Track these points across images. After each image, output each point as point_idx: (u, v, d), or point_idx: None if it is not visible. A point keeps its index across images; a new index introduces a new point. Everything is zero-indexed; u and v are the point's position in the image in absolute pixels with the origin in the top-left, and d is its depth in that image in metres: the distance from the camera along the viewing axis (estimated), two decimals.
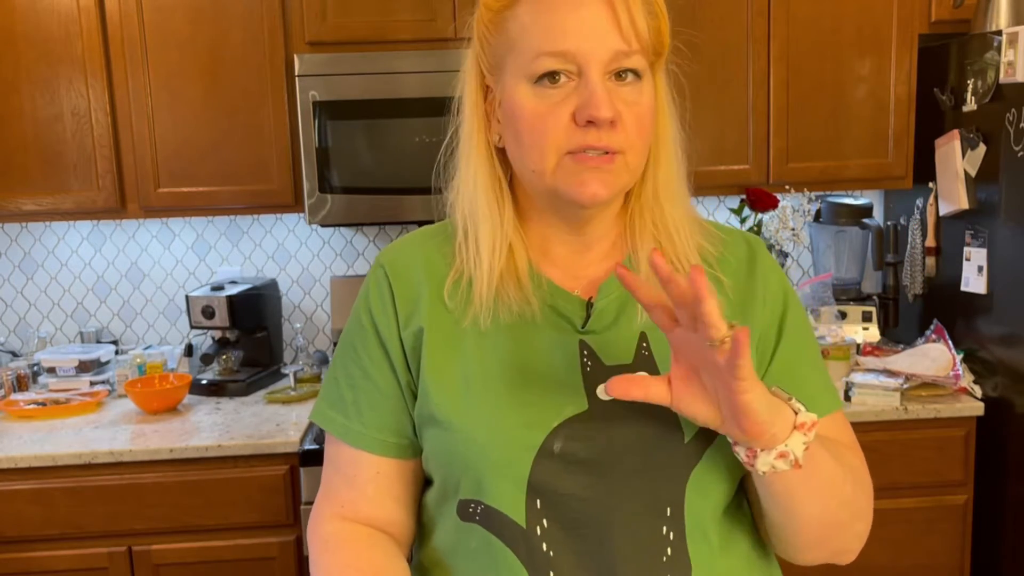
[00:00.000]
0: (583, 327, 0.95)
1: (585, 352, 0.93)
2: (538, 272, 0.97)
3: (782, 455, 0.81)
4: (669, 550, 0.90)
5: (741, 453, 0.83)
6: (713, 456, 0.90)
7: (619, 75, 0.88)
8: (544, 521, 0.89)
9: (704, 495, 0.91)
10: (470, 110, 0.96)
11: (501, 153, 0.96)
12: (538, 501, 0.89)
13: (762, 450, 0.81)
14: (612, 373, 0.92)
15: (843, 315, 2.52)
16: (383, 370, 0.98)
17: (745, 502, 1.00)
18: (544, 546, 0.89)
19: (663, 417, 0.90)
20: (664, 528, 0.90)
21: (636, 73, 0.89)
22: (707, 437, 0.90)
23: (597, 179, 0.89)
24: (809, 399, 0.89)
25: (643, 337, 0.94)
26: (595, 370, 0.93)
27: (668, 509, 0.90)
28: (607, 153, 0.88)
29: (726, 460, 0.92)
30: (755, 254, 1.01)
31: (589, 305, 0.96)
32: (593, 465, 0.89)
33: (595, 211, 0.95)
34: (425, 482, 1.02)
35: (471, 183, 0.97)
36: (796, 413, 0.82)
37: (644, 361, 0.93)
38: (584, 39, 0.86)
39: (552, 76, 0.88)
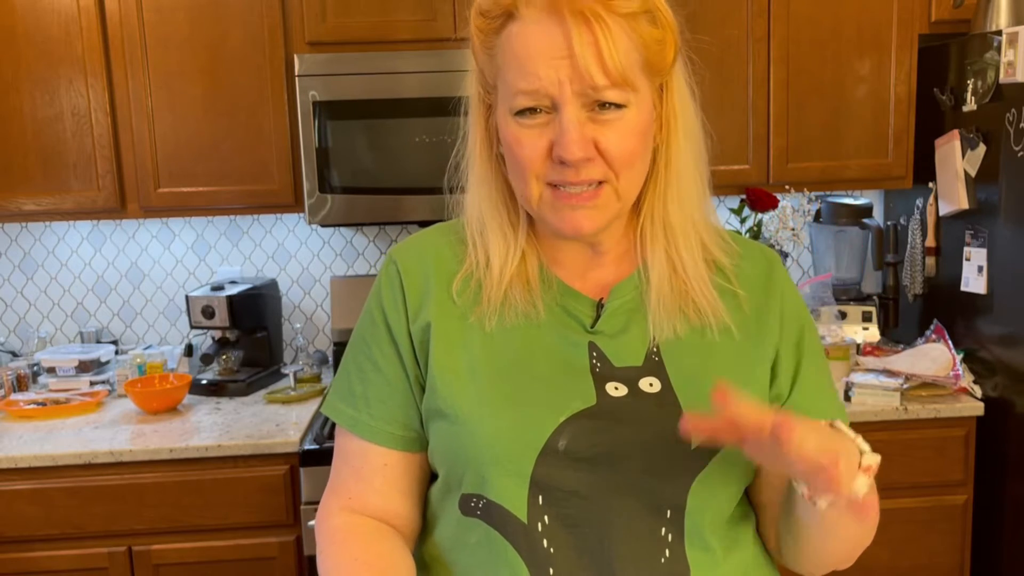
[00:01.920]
0: (592, 327, 0.95)
1: (594, 353, 0.94)
2: (549, 272, 0.98)
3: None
4: (667, 551, 0.90)
5: (802, 489, 0.83)
6: (720, 463, 0.90)
7: (602, 105, 0.87)
8: (545, 517, 0.90)
9: (706, 500, 0.91)
10: (474, 121, 0.97)
11: None
12: (540, 497, 0.89)
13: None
14: (621, 374, 0.92)
15: (843, 315, 2.52)
16: (393, 363, 0.98)
17: (750, 509, 1.01)
18: (545, 542, 0.89)
19: (671, 420, 0.90)
20: (663, 529, 0.90)
21: (618, 104, 0.87)
22: (715, 444, 0.90)
23: (581, 215, 0.90)
24: (826, 418, 0.92)
25: (653, 341, 0.95)
26: (604, 370, 0.93)
27: (668, 511, 0.90)
28: (599, 184, 0.89)
29: (733, 468, 0.92)
30: (773, 270, 1.02)
31: (599, 306, 0.96)
32: (597, 463, 0.89)
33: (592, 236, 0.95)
34: (431, 476, 1.02)
35: (478, 195, 0.98)
36: (861, 454, 0.81)
37: (654, 365, 0.94)
38: (553, 76, 0.85)
39: (531, 110, 0.88)
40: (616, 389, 0.91)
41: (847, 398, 2.25)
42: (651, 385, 0.92)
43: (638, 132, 0.89)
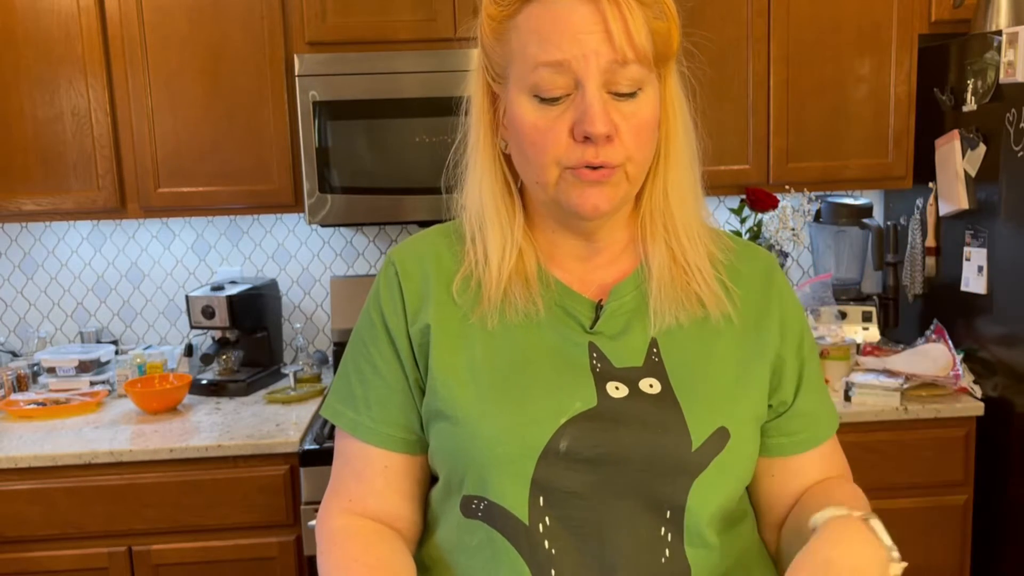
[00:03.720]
0: (591, 328, 0.95)
1: (595, 354, 0.94)
2: (547, 273, 0.98)
3: None
4: (667, 551, 0.90)
5: None
6: (720, 465, 0.90)
7: (619, 94, 0.88)
8: (547, 518, 0.90)
9: (706, 500, 0.91)
10: (477, 116, 0.97)
11: (509, 158, 0.97)
12: (541, 498, 0.89)
13: None
14: (622, 375, 0.92)
15: (843, 315, 2.52)
16: (392, 366, 0.99)
17: (749, 506, 1.01)
18: (546, 543, 0.89)
19: (673, 422, 0.90)
20: (663, 529, 0.90)
21: (631, 93, 0.88)
22: (715, 446, 0.90)
23: (597, 192, 0.90)
24: (823, 423, 0.99)
25: (653, 343, 0.95)
26: (604, 370, 0.93)
27: (668, 511, 0.90)
28: (614, 166, 0.89)
29: (733, 469, 0.92)
30: (772, 272, 1.02)
31: (599, 307, 0.96)
32: (598, 464, 0.89)
33: (600, 221, 0.95)
34: (432, 478, 1.02)
35: (479, 189, 0.98)
36: (891, 561, 0.83)
37: (654, 366, 0.94)
38: (578, 49, 0.86)
39: (552, 100, 0.88)
40: (617, 389, 0.91)
41: (847, 398, 2.24)
42: (651, 386, 0.92)
43: (650, 118, 0.90)
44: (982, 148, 2.24)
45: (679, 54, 0.95)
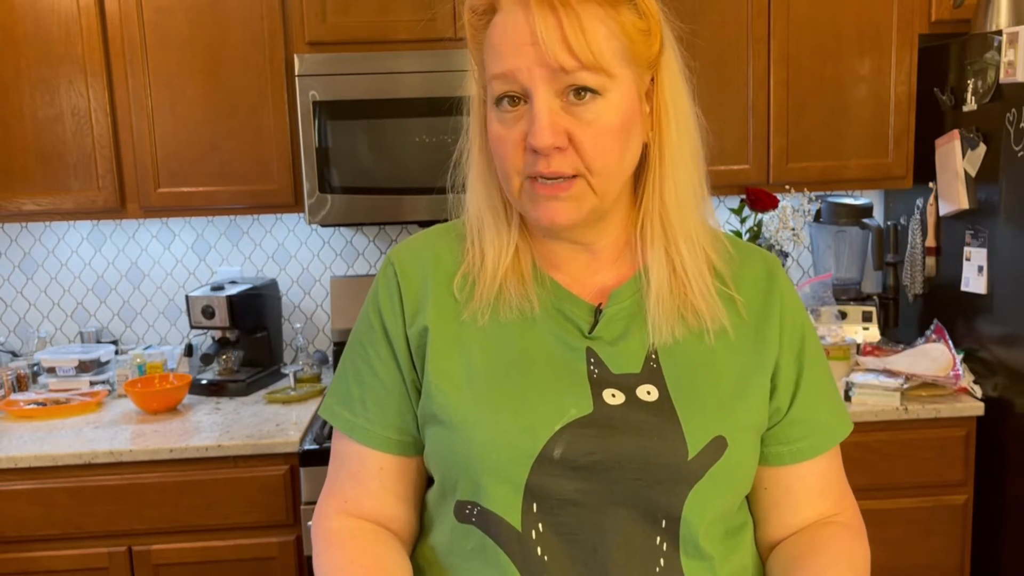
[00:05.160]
0: (590, 332, 0.94)
1: (592, 359, 0.93)
2: (544, 274, 0.97)
3: None
4: (662, 560, 0.89)
5: None
6: (716, 475, 0.89)
7: (577, 92, 0.86)
8: (539, 525, 0.89)
9: (703, 510, 0.90)
10: (473, 119, 0.97)
11: None
12: (535, 505, 0.89)
13: None
14: (619, 381, 0.91)
15: (843, 315, 2.52)
16: (390, 368, 0.98)
17: (749, 517, 1.00)
18: (539, 550, 0.89)
19: (669, 431, 0.89)
20: (658, 538, 0.89)
21: (593, 90, 0.86)
22: (712, 455, 0.90)
23: (555, 206, 0.89)
24: (823, 432, 0.97)
25: (653, 348, 0.94)
26: (601, 376, 0.92)
27: (664, 521, 0.89)
28: (572, 177, 0.88)
29: (730, 479, 0.91)
30: (773, 275, 1.00)
31: (598, 311, 0.95)
32: (592, 472, 0.88)
33: (580, 230, 0.94)
34: (429, 479, 1.02)
35: (476, 192, 0.98)
36: None
37: (652, 372, 0.93)
38: (522, 60, 0.86)
39: (511, 99, 0.88)
40: (613, 396, 0.91)
41: (847, 398, 2.24)
42: (648, 393, 0.91)
43: (614, 124, 0.88)
44: (982, 148, 2.24)
45: (675, 52, 0.94)
